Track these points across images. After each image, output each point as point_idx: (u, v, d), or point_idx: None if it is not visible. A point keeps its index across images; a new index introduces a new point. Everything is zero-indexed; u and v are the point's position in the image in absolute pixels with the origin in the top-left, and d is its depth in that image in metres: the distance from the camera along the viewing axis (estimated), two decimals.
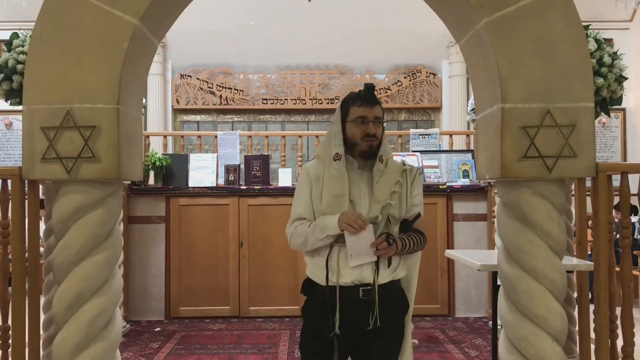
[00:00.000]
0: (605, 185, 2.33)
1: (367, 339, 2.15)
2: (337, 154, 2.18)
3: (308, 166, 2.27)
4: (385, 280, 2.15)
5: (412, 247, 2.18)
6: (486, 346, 4.55)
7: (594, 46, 3.73)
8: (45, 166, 2.19)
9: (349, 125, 2.19)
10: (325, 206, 2.15)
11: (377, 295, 2.11)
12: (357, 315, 2.12)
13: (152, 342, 4.77)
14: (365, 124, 2.16)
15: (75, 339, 2.16)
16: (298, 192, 2.26)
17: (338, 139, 2.20)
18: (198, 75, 9.71)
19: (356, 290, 2.12)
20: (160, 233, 5.60)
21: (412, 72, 9.84)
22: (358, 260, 2.10)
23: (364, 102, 2.18)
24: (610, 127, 8.80)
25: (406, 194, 2.23)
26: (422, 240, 2.24)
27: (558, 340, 2.20)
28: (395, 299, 2.21)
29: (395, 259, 2.20)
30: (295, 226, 2.21)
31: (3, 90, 3.76)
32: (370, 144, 2.16)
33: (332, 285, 2.12)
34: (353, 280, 2.11)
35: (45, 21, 2.23)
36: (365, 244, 2.08)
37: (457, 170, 5.92)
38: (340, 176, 2.16)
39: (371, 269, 2.12)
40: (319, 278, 2.17)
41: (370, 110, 2.17)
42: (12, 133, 8.56)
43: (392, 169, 2.22)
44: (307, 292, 2.24)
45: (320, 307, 2.14)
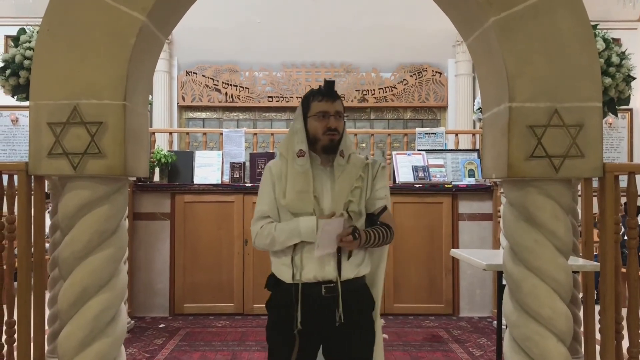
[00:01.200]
0: (612, 186, 2.32)
1: (336, 336, 2.15)
2: (300, 150, 2.18)
3: (270, 164, 2.27)
4: (349, 277, 2.14)
5: (376, 240, 2.17)
6: (490, 346, 4.54)
7: (602, 46, 3.71)
8: (52, 162, 2.19)
9: (310, 120, 2.20)
10: (289, 202, 2.15)
11: (340, 292, 2.10)
12: (321, 312, 2.11)
13: (156, 338, 4.78)
14: (327, 118, 2.17)
15: (80, 335, 2.17)
16: (261, 190, 2.26)
17: (301, 136, 2.20)
18: (204, 73, 9.72)
19: (319, 287, 2.12)
20: (165, 230, 5.61)
21: (418, 70, 9.81)
22: (322, 250, 2.08)
23: (324, 96, 2.19)
24: (617, 127, 8.77)
25: (367, 189, 2.22)
26: (387, 233, 2.22)
27: (563, 341, 2.19)
28: (359, 296, 2.20)
29: (360, 254, 2.19)
30: (260, 226, 2.19)
31: (10, 85, 3.77)
32: (331, 137, 2.17)
33: (297, 283, 2.12)
34: (315, 276, 2.11)
35: (53, 17, 2.24)
36: (333, 235, 2.07)
37: (463, 169, 5.91)
38: (304, 172, 2.16)
39: (333, 265, 2.12)
40: (283, 275, 2.17)
41: (331, 105, 2.18)
42: (18, 129, 8.59)
43: (354, 164, 2.22)
44: (271, 287, 2.24)
45: (284, 303, 2.14)
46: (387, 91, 9.78)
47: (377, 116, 9.97)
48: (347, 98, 9.76)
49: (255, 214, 2.24)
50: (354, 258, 2.16)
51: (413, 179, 5.71)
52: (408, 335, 4.89)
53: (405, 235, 5.59)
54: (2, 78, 3.79)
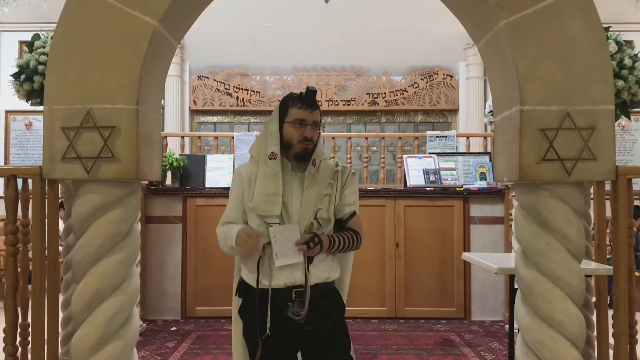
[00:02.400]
0: (625, 189, 2.30)
1: (310, 341, 2.15)
2: (272, 153, 2.17)
3: (240, 168, 2.26)
4: (318, 281, 2.14)
5: (342, 245, 2.17)
6: (502, 350, 4.52)
7: (615, 48, 3.69)
8: (66, 166, 2.21)
9: (286, 125, 2.18)
10: (257, 204, 2.13)
11: (308, 297, 2.09)
12: (290, 317, 2.10)
13: (168, 341, 4.80)
14: (303, 127, 2.15)
15: (93, 337, 2.18)
16: (230, 194, 2.26)
17: (275, 138, 2.19)
18: (215, 77, 9.77)
19: (288, 292, 2.11)
20: (177, 233, 5.64)
21: (429, 73, 9.80)
22: (284, 260, 2.08)
23: (304, 104, 2.16)
24: (629, 130, 8.70)
25: (336, 195, 2.22)
26: (354, 239, 2.22)
27: (576, 345, 2.17)
28: (329, 300, 2.20)
29: (327, 259, 2.19)
30: (222, 230, 2.21)
31: (24, 90, 3.81)
32: (305, 146, 2.16)
33: (264, 288, 2.11)
34: (285, 282, 2.11)
35: (66, 22, 2.26)
36: (290, 243, 2.07)
37: (474, 172, 5.89)
38: (275, 175, 2.16)
39: (301, 270, 2.11)
40: (251, 281, 2.16)
41: (310, 114, 2.16)
42: (31, 133, 8.68)
43: (324, 172, 2.22)
44: (242, 294, 2.24)
45: (254, 309, 2.13)
46: (397, 94, 9.78)
47: (387, 119, 9.96)
48: (357, 101, 9.77)
49: (222, 218, 2.25)
50: (321, 263, 2.15)
51: (424, 182, 5.70)
52: (419, 339, 4.87)
53: (417, 238, 5.58)
54: (17, 83, 3.84)
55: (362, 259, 5.15)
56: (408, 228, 5.58)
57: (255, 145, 2.27)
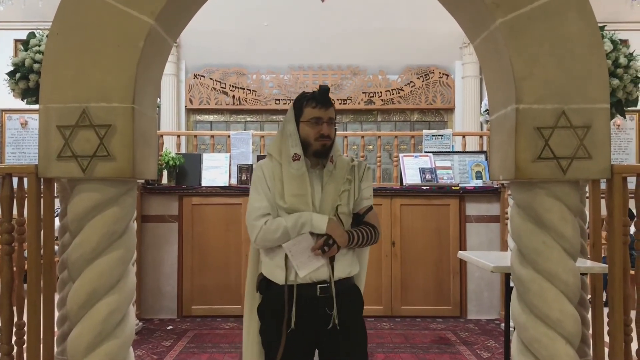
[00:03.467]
0: (620, 187, 2.31)
1: (332, 338, 2.15)
2: (295, 154, 2.20)
3: (262, 164, 2.27)
4: (342, 276, 2.18)
5: (362, 240, 2.20)
6: (498, 348, 4.53)
7: (610, 47, 3.69)
8: (61, 164, 2.21)
9: (302, 125, 2.21)
10: (290, 205, 2.16)
11: (334, 292, 2.13)
12: (315, 313, 2.13)
13: (164, 340, 4.80)
14: (320, 125, 2.18)
15: (89, 336, 2.18)
16: (256, 188, 2.23)
17: (295, 139, 2.21)
18: (211, 76, 9.76)
19: (314, 287, 2.14)
20: (173, 232, 5.63)
21: (425, 72, 9.81)
22: (306, 270, 2.12)
23: (318, 103, 2.19)
24: (625, 129, 8.72)
25: (354, 190, 2.25)
26: (373, 233, 2.25)
27: (571, 343, 2.18)
28: (351, 296, 2.24)
29: (349, 254, 2.22)
30: (265, 221, 2.17)
31: (20, 89, 3.80)
32: (323, 143, 2.19)
33: (290, 284, 2.14)
34: (310, 277, 2.13)
35: (62, 21, 2.25)
36: (307, 251, 2.12)
37: (470, 171, 5.90)
38: (301, 176, 2.18)
39: (326, 265, 2.14)
40: (276, 277, 2.17)
41: (325, 112, 2.19)
42: (27, 132, 8.65)
43: (340, 168, 2.25)
44: (263, 290, 2.24)
45: (277, 306, 2.15)
46: (394, 93, 9.78)
47: (384, 118, 9.97)
48: (353, 100, 9.77)
49: (256, 211, 2.20)
50: (343, 258, 2.19)
51: (420, 181, 5.71)
52: (415, 337, 4.88)
53: (413, 237, 5.58)
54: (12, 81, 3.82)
55: None
56: (404, 227, 5.59)
57: (274, 146, 2.28)
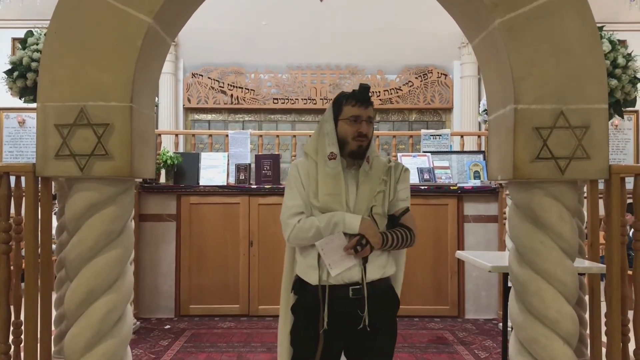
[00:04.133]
0: (618, 188, 2.31)
1: (360, 338, 2.15)
2: (332, 153, 2.18)
3: (298, 163, 2.26)
4: (374, 278, 2.16)
5: (397, 242, 2.18)
6: (496, 348, 4.53)
7: (608, 47, 3.70)
8: (59, 163, 2.20)
9: (341, 123, 2.19)
10: (323, 204, 2.14)
11: (366, 294, 2.11)
12: (347, 314, 2.12)
13: (162, 339, 4.79)
14: (359, 123, 2.17)
15: (87, 336, 2.18)
16: (292, 186, 2.23)
17: (332, 138, 2.20)
18: (209, 75, 9.75)
19: (346, 288, 2.13)
20: (171, 231, 5.62)
21: (424, 72, 9.82)
22: (338, 268, 2.12)
23: (358, 101, 2.18)
24: (623, 129, 8.73)
25: (389, 191, 2.23)
26: (408, 235, 2.23)
27: (569, 343, 2.18)
28: (385, 297, 2.22)
29: (383, 256, 2.20)
30: (298, 220, 2.17)
31: (17, 87, 3.79)
32: (360, 143, 2.17)
33: (323, 285, 2.13)
34: (343, 278, 2.12)
35: (60, 19, 2.25)
36: (339, 250, 2.11)
37: (468, 171, 5.90)
38: (336, 175, 2.16)
39: (359, 267, 2.13)
40: (309, 277, 2.17)
41: (364, 110, 2.18)
42: (25, 130, 8.63)
43: (377, 168, 2.23)
44: (297, 291, 2.24)
45: (310, 306, 2.15)
46: (392, 93, 9.79)
47: (382, 118, 9.97)
48: None
49: (289, 210, 2.19)
50: (377, 259, 2.17)
51: (418, 181, 5.71)
52: (413, 337, 4.88)
53: None
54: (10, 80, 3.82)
55: None
56: None
57: (310, 144, 2.27)
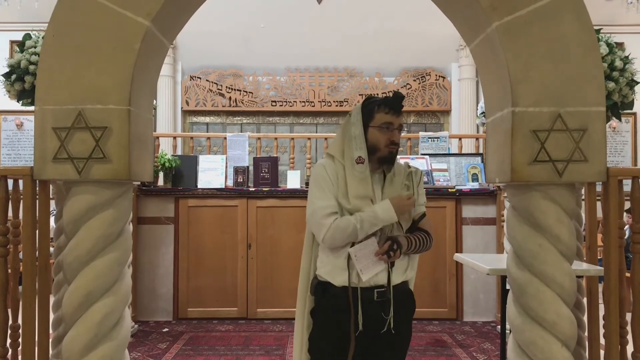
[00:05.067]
0: (616, 190, 2.31)
1: (380, 341, 2.16)
2: (360, 157, 2.17)
3: (325, 163, 2.22)
4: (398, 282, 2.19)
5: (419, 246, 2.21)
6: (494, 350, 4.53)
7: (606, 50, 3.71)
8: (57, 166, 2.20)
9: (372, 130, 2.18)
10: (354, 207, 2.14)
11: (391, 297, 2.14)
12: (372, 317, 2.13)
13: (160, 342, 4.79)
14: (391, 131, 2.18)
15: (85, 339, 2.17)
16: (322, 186, 2.18)
17: (360, 142, 2.18)
18: (207, 77, 9.76)
19: (371, 291, 2.14)
20: (169, 234, 5.62)
21: (422, 75, 9.83)
22: (369, 273, 2.13)
23: (392, 109, 2.18)
24: (620, 131, 8.75)
25: (417, 196, 2.26)
26: (428, 239, 2.27)
27: (567, 345, 2.18)
28: (406, 301, 2.26)
29: (405, 259, 2.23)
30: (334, 219, 2.12)
31: (15, 90, 3.79)
32: (391, 150, 2.19)
33: (354, 287, 2.13)
34: (368, 280, 2.13)
35: (58, 22, 2.25)
36: (371, 255, 2.12)
37: (466, 173, 5.90)
38: (364, 179, 2.16)
39: (385, 271, 2.15)
40: (336, 279, 2.16)
41: (397, 118, 2.19)
42: (22, 133, 8.62)
43: (398, 174, 2.26)
44: (320, 294, 2.22)
45: (335, 309, 2.14)
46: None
47: None
48: (350, 102, 9.78)
49: (323, 210, 2.14)
50: (400, 263, 2.19)
51: None
52: (412, 339, 4.86)
53: None
54: (8, 83, 3.82)
55: None
56: None
57: (335, 147, 2.25)
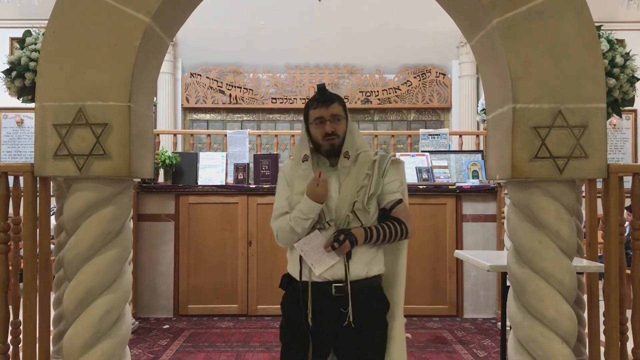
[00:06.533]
0: (616, 187, 2.32)
1: (346, 336, 2.14)
2: (305, 155, 2.23)
3: (285, 166, 2.33)
4: (359, 277, 2.14)
5: (382, 236, 2.14)
6: (494, 347, 4.54)
7: (606, 47, 3.70)
8: (57, 163, 2.20)
9: (311, 127, 2.23)
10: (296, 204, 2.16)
11: (349, 292, 2.10)
12: (330, 312, 2.12)
13: (160, 339, 4.79)
14: (323, 124, 2.18)
15: (85, 335, 2.18)
16: (279, 190, 2.30)
17: (304, 141, 2.25)
18: (208, 74, 9.75)
19: (329, 286, 2.12)
20: (170, 231, 5.62)
21: (422, 72, 9.82)
22: (322, 267, 2.11)
23: (319, 102, 2.20)
24: (621, 128, 8.75)
25: (371, 185, 2.19)
26: (397, 228, 2.18)
27: (567, 342, 2.19)
28: (370, 297, 2.18)
29: (369, 252, 2.17)
30: (280, 221, 2.21)
31: (15, 87, 3.79)
32: (331, 142, 2.18)
33: (305, 281, 2.14)
34: (325, 276, 2.12)
35: (58, 19, 2.25)
36: (319, 249, 2.11)
37: (467, 170, 5.90)
38: (307, 176, 2.19)
39: (342, 265, 2.12)
40: (295, 273, 2.19)
41: (326, 110, 2.18)
42: (23, 130, 8.62)
43: (362, 164, 2.21)
44: (284, 286, 2.27)
45: (296, 302, 2.16)
46: (390, 92, 9.79)
47: (380, 117, 9.98)
48: (350, 100, 9.77)
49: (274, 212, 2.26)
50: (361, 256, 2.14)
51: (417, 180, 5.71)
52: (412, 336, 4.88)
53: None
54: (8, 80, 3.81)
55: None
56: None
57: (295, 148, 2.34)
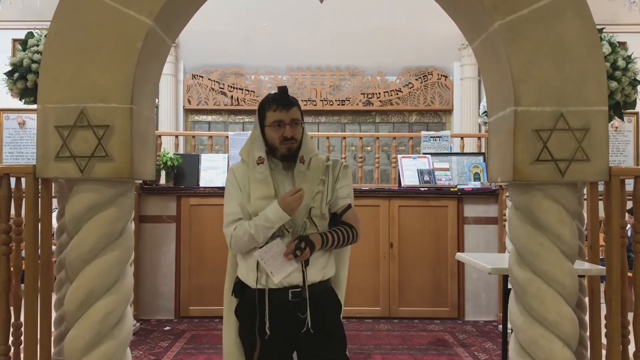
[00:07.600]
0: (618, 190, 2.31)
1: (306, 341, 2.13)
2: (259, 158, 2.17)
3: (234, 168, 2.26)
4: (315, 280, 2.14)
5: (336, 241, 2.15)
6: (496, 350, 4.53)
7: (608, 49, 3.70)
8: (59, 165, 2.21)
9: (267, 129, 2.17)
10: (254, 209, 2.12)
11: (307, 297, 2.09)
12: (288, 318, 2.11)
13: (161, 341, 4.79)
14: (282, 128, 2.14)
15: (87, 337, 2.18)
16: (229, 193, 2.23)
17: (259, 143, 2.19)
18: (210, 76, 9.76)
19: (285, 292, 2.11)
20: (171, 232, 5.62)
21: (424, 74, 9.82)
22: (280, 275, 2.09)
23: (279, 105, 2.15)
24: (623, 131, 8.74)
25: (327, 191, 2.19)
26: (349, 233, 2.19)
27: (569, 345, 2.18)
28: (326, 299, 2.19)
29: (324, 257, 2.18)
30: (234, 227, 2.15)
31: (18, 89, 3.79)
32: (289, 146, 2.15)
33: (262, 288, 2.11)
34: (282, 282, 2.11)
35: (61, 21, 2.25)
36: (279, 257, 2.09)
37: (468, 173, 5.90)
38: (265, 179, 2.15)
39: (299, 271, 2.11)
40: (249, 281, 2.16)
41: (287, 114, 2.14)
42: (25, 132, 8.64)
43: (315, 169, 2.20)
44: (238, 294, 2.22)
45: (251, 310, 2.13)
46: (392, 94, 9.79)
47: (382, 119, 9.98)
48: (352, 101, 9.78)
49: (227, 218, 2.20)
50: (317, 261, 2.14)
51: (418, 183, 5.71)
52: (413, 338, 4.88)
53: (411, 238, 5.58)
54: (10, 81, 3.82)
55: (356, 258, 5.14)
56: (402, 228, 5.59)
57: (245, 148, 2.27)
